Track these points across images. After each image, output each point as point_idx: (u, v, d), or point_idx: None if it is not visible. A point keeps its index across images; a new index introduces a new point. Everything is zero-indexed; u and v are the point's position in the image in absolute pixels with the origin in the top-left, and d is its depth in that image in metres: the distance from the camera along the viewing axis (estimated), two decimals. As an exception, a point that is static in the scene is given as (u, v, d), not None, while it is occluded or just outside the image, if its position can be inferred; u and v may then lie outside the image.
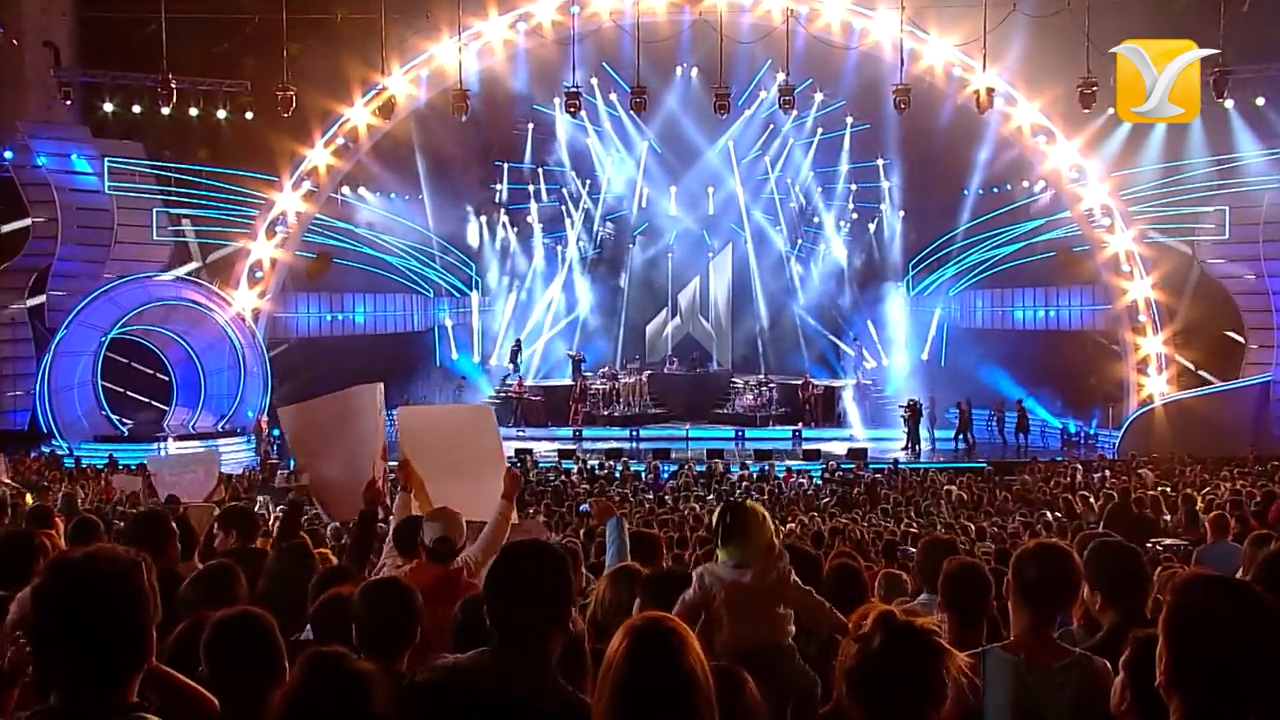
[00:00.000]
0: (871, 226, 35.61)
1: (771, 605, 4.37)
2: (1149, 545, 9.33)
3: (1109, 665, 3.38)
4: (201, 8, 25.93)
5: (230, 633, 3.42)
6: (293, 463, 24.06)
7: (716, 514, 4.63)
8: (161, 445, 27.46)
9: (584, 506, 15.68)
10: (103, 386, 28.11)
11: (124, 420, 28.71)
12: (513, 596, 3.09)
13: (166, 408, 29.80)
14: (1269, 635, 2.51)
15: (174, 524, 5.87)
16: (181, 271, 30.06)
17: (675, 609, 4.15)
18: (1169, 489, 16.72)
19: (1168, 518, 12.69)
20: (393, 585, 4.10)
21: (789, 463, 25.98)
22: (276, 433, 29.95)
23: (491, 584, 3.19)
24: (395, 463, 6.82)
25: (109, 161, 28.72)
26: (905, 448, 29.07)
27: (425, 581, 5.12)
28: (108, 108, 28.47)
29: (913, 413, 29.54)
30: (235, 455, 28.58)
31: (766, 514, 4.57)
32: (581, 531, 12.57)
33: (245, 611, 3.53)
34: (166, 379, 29.99)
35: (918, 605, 4.84)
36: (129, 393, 29.57)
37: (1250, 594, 2.61)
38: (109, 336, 27.86)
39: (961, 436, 29.98)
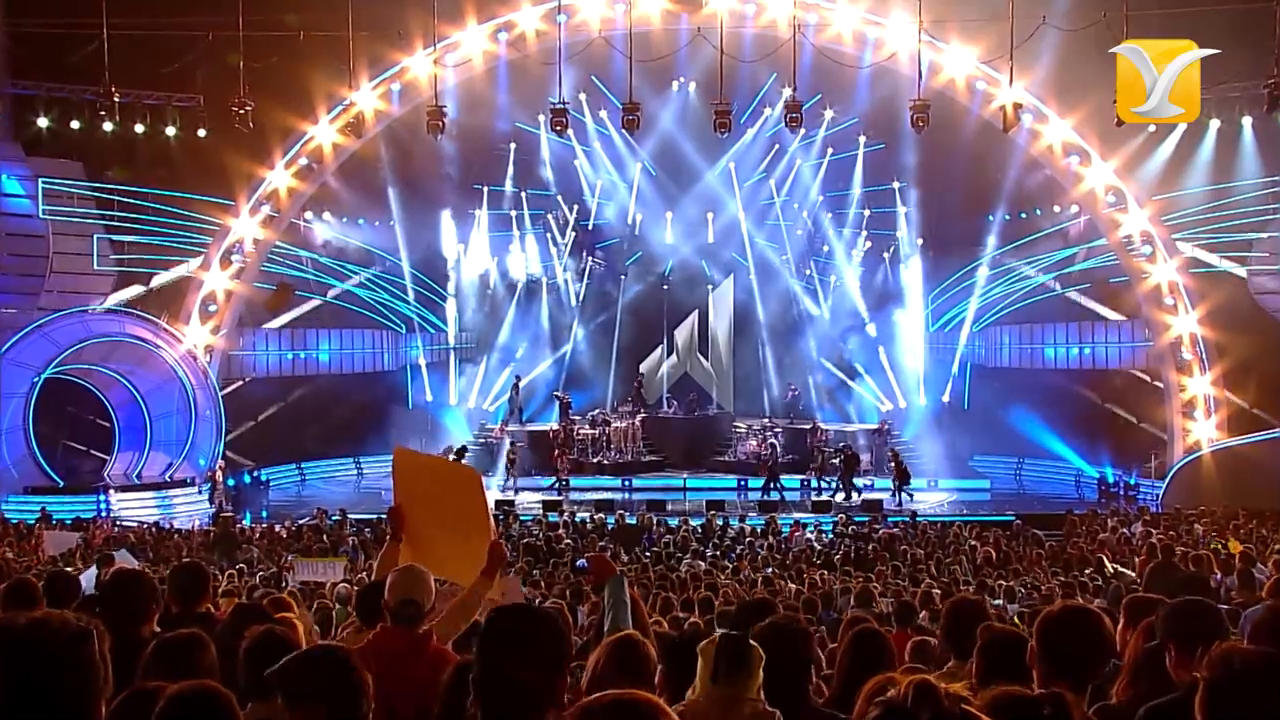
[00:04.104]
0: (887, 255, 35.72)
1: None
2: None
3: None
4: (149, 23, 25.84)
5: (186, 709, 3.37)
6: (248, 516, 23.94)
7: (716, 647, 4.35)
8: (102, 497, 27.34)
9: (581, 561, 15.63)
10: (35, 432, 27.96)
11: (59, 470, 28.57)
12: (503, 660, 3.10)
13: (108, 456, 29.66)
14: None
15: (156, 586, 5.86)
16: (124, 296, 29.79)
17: None
18: (1221, 546, 16.71)
19: (1219, 578, 12.68)
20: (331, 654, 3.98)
21: (796, 515, 25.94)
22: (231, 483, 29.90)
23: (480, 647, 3.21)
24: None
25: (43, 182, 28.55)
26: (845, 495, 29.16)
27: (390, 647, 5.09)
28: (42, 123, 28.35)
29: (846, 462, 29.77)
30: (186, 508, 28.52)
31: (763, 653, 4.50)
32: (568, 592, 12.57)
33: (204, 686, 3.49)
34: (108, 424, 29.82)
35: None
36: (65, 439, 29.46)
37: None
38: (43, 376, 27.76)
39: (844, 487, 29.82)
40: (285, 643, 4.64)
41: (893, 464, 29.50)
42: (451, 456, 27.25)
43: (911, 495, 28.74)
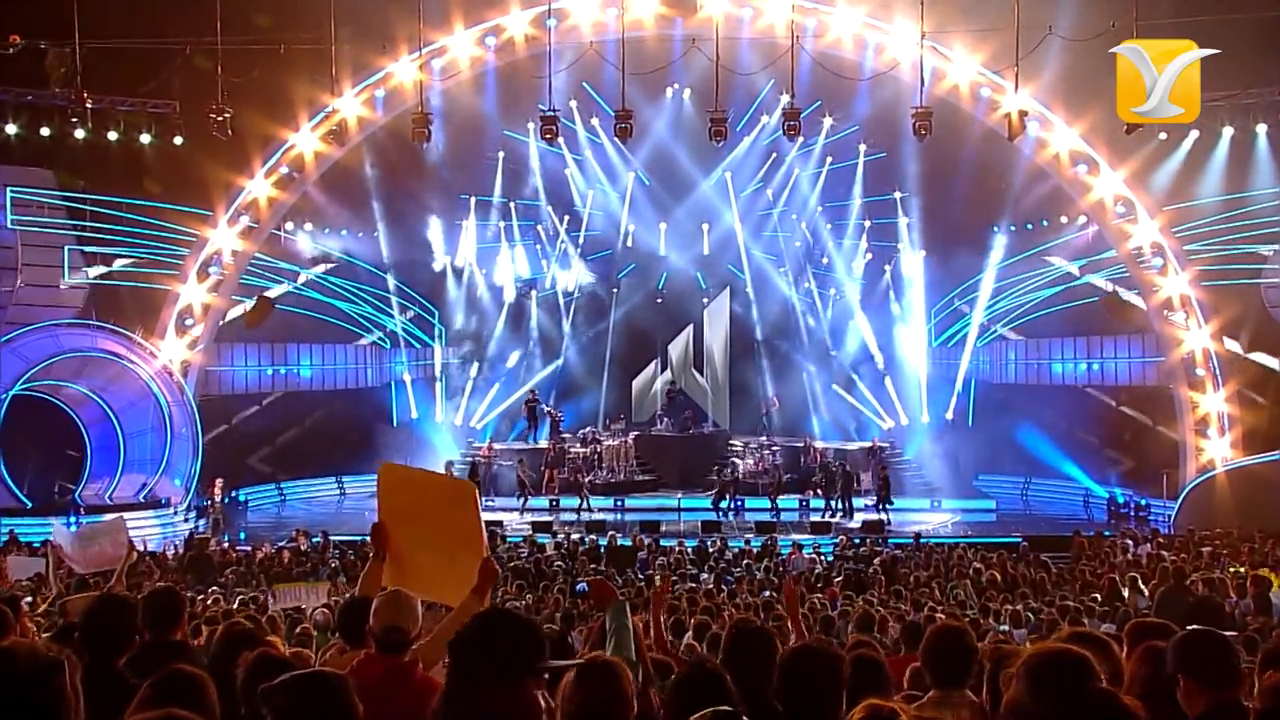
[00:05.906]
0: (888, 267, 35.78)
1: None
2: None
3: None
4: (127, 41, 25.68)
5: None
6: (227, 537, 23.76)
7: None
8: (72, 519, 27.20)
9: (581, 585, 15.65)
10: (2, 451, 27.84)
11: (28, 491, 28.45)
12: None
13: (79, 475, 29.54)
14: None
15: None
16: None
17: None
18: (1236, 569, 16.73)
19: (1234, 601, 12.69)
20: (321, 680, 3.97)
21: (795, 537, 25.95)
22: (227, 500, 29.86)
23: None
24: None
25: (11, 191, 28.27)
26: (838, 512, 29.74)
27: (374, 675, 5.07)
28: (10, 129, 27.96)
29: (828, 478, 30.19)
30: (175, 528, 28.42)
31: None
32: (560, 616, 12.55)
33: (173, 716, 3.45)
34: (79, 441, 29.71)
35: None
36: (34, 459, 29.32)
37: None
38: (10, 393, 27.62)
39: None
40: (286, 666, 4.63)
41: (881, 481, 29.64)
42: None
43: (889, 516, 28.86)
